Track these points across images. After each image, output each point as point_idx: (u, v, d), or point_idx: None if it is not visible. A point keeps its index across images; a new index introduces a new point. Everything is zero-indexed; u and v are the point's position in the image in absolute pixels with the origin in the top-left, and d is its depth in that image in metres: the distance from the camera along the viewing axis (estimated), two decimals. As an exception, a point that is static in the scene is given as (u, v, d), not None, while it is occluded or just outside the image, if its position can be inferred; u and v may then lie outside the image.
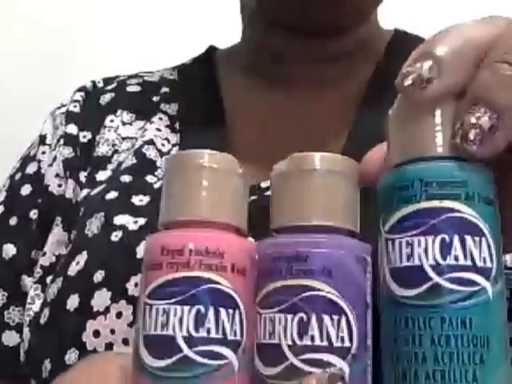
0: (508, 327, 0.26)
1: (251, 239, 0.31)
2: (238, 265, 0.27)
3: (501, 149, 0.26)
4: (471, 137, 0.26)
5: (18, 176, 0.54)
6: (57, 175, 0.51)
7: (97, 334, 0.40)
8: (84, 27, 1.07)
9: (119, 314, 0.40)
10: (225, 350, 0.26)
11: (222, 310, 0.26)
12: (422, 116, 0.27)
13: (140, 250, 0.42)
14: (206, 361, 0.26)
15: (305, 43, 0.51)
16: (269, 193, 0.43)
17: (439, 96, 0.26)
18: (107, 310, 0.41)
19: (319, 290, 0.26)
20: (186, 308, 0.26)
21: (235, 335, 0.27)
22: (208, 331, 0.26)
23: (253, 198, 0.43)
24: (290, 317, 0.26)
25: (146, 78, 0.59)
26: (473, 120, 0.25)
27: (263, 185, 0.44)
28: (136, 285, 0.40)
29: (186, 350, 0.26)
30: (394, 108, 0.29)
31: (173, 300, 0.26)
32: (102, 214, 0.46)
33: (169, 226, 0.29)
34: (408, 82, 0.26)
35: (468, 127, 0.26)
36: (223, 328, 0.26)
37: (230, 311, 0.27)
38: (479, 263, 0.26)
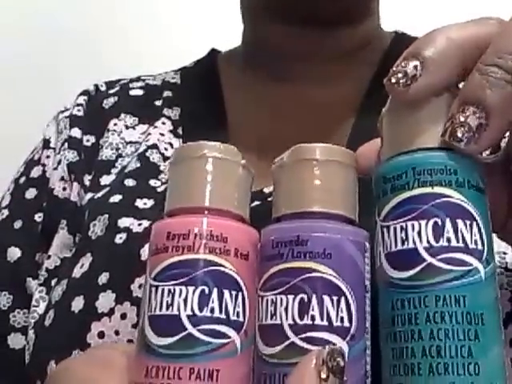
0: (501, 308, 0.27)
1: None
2: (240, 249, 0.28)
3: (487, 147, 0.28)
4: (459, 134, 0.27)
5: (22, 180, 0.54)
6: (61, 179, 0.52)
7: (101, 335, 0.41)
8: (85, 29, 1.09)
9: (124, 316, 0.41)
10: (228, 330, 0.27)
11: (226, 292, 0.27)
12: (413, 111, 0.29)
13: (144, 252, 0.42)
14: (209, 339, 0.27)
15: (307, 40, 0.52)
16: (271, 198, 0.44)
17: (424, 93, 0.28)
18: (112, 311, 0.41)
19: (319, 271, 0.27)
20: (191, 288, 0.27)
21: (238, 316, 0.27)
22: (212, 311, 0.27)
23: (256, 203, 0.43)
24: (291, 298, 0.27)
25: (148, 82, 0.59)
26: (461, 118, 0.27)
27: (266, 190, 0.45)
28: (140, 286, 0.41)
29: (190, 328, 0.26)
30: (387, 107, 0.30)
31: (178, 281, 0.27)
32: (106, 216, 0.46)
33: (174, 213, 0.30)
34: (393, 79, 0.28)
35: (456, 125, 0.27)
36: (226, 309, 0.27)
37: (233, 293, 0.27)
38: (471, 245, 0.27)
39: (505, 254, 0.38)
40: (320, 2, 0.50)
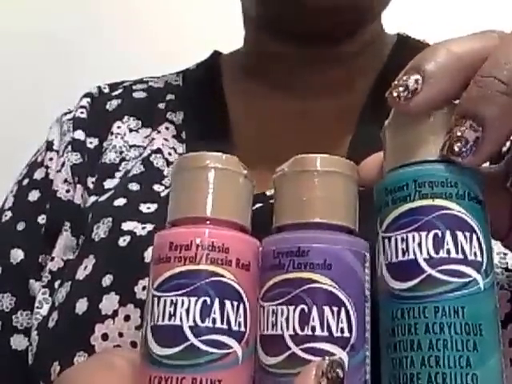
0: (500, 317, 0.28)
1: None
2: (242, 260, 0.29)
3: (486, 159, 0.28)
4: (456, 149, 0.28)
5: (25, 182, 0.54)
6: (65, 181, 0.52)
7: (105, 337, 0.41)
8: (88, 30, 1.08)
9: (127, 317, 0.41)
10: (229, 340, 0.27)
11: (227, 302, 0.28)
12: (415, 124, 0.29)
13: (148, 255, 0.42)
14: (211, 349, 0.27)
15: (306, 48, 0.52)
16: (273, 201, 0.44)
17: (425, 106, 0.28)
18: (115, 313, 0.41)
19: (320, 282, 0.28)
20: (193, 299, 0.27)
21: (239, 326, 0.28)
22: (213, 321, 0.27)
23: (259, 205, 0.44)
24: (291, 308, 0.28)
25: (151, 84, 0.59)
26: (458, 133, 0.27)
27: (268, 193, 0.45)
28: (144, 288, 0.41)
29: (193, 339, 0.27)
30: (389, 118, 0.31)
31: (180, 292, 0.28)
32: (110, 219, 0.46)
33: (176, 223, 0.30)
34: (395, 93, 0.28)
35: (454, 140, 0.28)
36: (228, 319, 0.27)
37: (235, 303, 0.28)
38: (470, 257, 0.27)
39: (505, 254, 0.38)
40: (317, 19, 0.50)
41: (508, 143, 0.42)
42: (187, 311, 0.27)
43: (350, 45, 0.53)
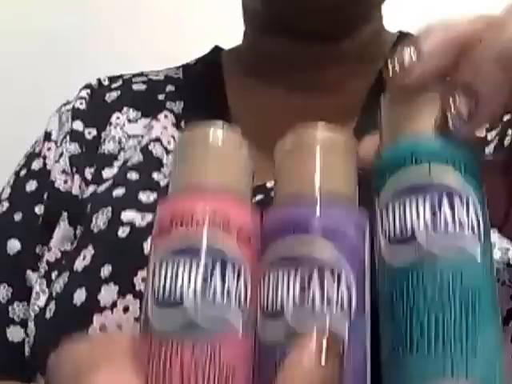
0: (497, 288, 0.28)
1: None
2: (243, 232, 0.28)
3: (479, 129, 0.30)
4: (450, 122, 0.28)
5: (22, 172, 0.54)
6: (63, 171, 0.52)
7: (104, 328, 0.41)
8: (88, 29, 1.09)
9: (126, 309, 0.41)
10: (230, 316, 0.27)
11: (228, 275, 0.27)
12: (411, 99, 0.29)
13: (147, 246, 0.42)
14: (211, 325, 0.26)
15: (307, 46, 0.52)
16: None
17: (420, 80, 0.29)
18: (114, 304, 0.41)
19: (320, 256, 0.27)
20: (193, 274, 0.27)
21: (240, 301, 0.27)
22: (214, 295, 0.27)
23: (259, 197, 0.43)
24: (292, 283, 0.27)
25: (151, 77, 0.59)
26: (452, 106, 0.28)
27: (269, 184, 0.45)
28: (143, 280, 0.41)
29: (193, 315, 0.26)
30: (385, 94, 0.31)
31: (181, 265, 0.27)
32: (109, 209, 0.46)
33: (178, 194, 0.30)
34: (390, 69, 0.29)
35: (448, 113, 0.28)
36: (228, 294, 0.27)
37: (236, 276, 0.27)
38: (468, 230, 0.27)
39: (507, 250, 0.38)
40: (318, 17, 0.50)
41: (510, 131, 0.42)
42: (188, 285, 0.26)
43: (350, 42, 0.53)
